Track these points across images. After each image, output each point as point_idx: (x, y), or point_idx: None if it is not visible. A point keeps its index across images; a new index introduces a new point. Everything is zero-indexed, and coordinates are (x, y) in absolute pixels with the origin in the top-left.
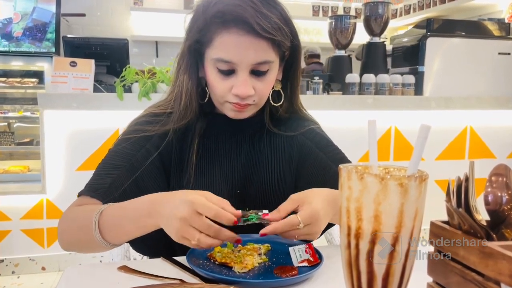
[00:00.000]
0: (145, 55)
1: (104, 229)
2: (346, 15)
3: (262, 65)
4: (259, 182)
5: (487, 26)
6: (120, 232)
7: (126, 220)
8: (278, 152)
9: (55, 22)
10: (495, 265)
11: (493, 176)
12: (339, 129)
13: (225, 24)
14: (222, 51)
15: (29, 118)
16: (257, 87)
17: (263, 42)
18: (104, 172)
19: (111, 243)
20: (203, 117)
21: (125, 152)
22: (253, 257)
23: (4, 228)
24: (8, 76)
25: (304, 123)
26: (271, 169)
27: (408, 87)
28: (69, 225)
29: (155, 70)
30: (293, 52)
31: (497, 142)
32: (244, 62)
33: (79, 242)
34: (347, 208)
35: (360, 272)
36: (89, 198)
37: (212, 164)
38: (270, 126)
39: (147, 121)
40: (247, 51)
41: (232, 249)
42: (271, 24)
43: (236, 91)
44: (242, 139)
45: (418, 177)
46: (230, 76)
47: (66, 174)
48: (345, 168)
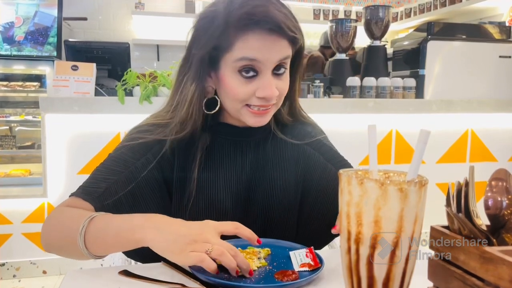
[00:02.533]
0: (146, 59)
1: (89, 237)
2: (347, 18)
3: (282, 62)
4: (263, 190)
5: (488, 29)
6: (103, 244)
7: (110, 232)
8: (284, 160)
9: (56, 26)
10: (495, 270)
11: (493, 181)
12: (340, 132)
13: (248, 26)
14: (247, 50)
15: (30, 121)
16: (279, 86)
17: (285, 40)
18: (101, 176)
19: (92, 253)
20: (207, 129)
21: (124, 159)
22: (253, 260)
23: (5, 232)
24: (10, 80)
25: (309, 130)
26: (276, 177)
27: (409, 90)
28: (55, 225)
29: (156, 74)
30: (297, 53)
31: (499, 146)
32: (269, 60)
33: (60, 244)
34: (347, 213)
35: (361, 277)
36: (81, 200)
37: (216, 174)
38: (276, 131)
39: (148, 130)
40: (271, 49)
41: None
42: (291, 23)
43: (263, 94)
44: (247, 147)
45: (418, 182)
46: (253, 79)
47: (67, 177)
48: (345, 173)
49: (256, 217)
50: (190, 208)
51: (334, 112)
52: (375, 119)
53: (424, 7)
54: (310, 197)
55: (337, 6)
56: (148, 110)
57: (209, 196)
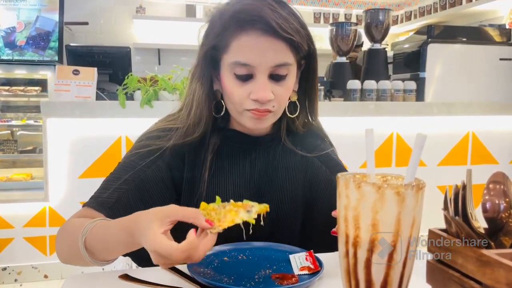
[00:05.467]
0: (147, 63)
1: (90, 245)
2: (347, 22)
3: (281, 68)
4: (271, 199)
5: (488, 32)
6: (104, 250)
7: (110, 237)
8: (292, 170)
9: (58, 30)
10: (492, 273)
11: (490, 184)
12: (340, 135)
13: (242, 26)
14: (240, 54)
15: (32, 126)
16: (276, 92)
17: (281, 43)
18: (112, 185)
19: (95, 259)
20: (217, 132)
21: (135, 167)
22: (238, 214)
23: (6, 236)
24: (12, 84)
25: (319, 142)
26: (284, 187)
27: (409, 93)
28: (64, 236)
29: (157, 78)
30: (310, 60)
31: (499, 148)
32: (263, 65)
33: (71, 253)
34: (345, 217)
35: (359, 280)
36: (93, 211)
37: (225, 181)
38: (286, 141)
39: (158, 135)
40: (265, 52)
41: (218, 204)
42: (289, 24)
43: (255, 96)
44: (256, 156)
45: (415, 186)
46: (248, 81)
47: (69, 181)
48: (343, 177)
49: (263, 225)
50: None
51: (334, 115)
52: (375, 122)
53: (424, 10)
54: (315, 209)
55: (337, 10)
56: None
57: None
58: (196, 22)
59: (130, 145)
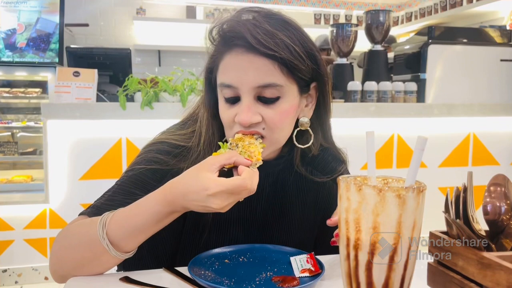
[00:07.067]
0: (147, 64)
1: (115, 234)
2: (348, 23)
3: (267, 88)
4: (279, 227)
5: (489, 33)
6: (130, 235)
7: (138, 218)
8: (303, 193)
9: (58, 32)
10: (493, 275)
11: (491, 186)
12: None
13: (227, 45)
14: (224, 75)
15: (32, 128)
16: (266, 114)
17: (265, 60)
18: (118, 197)
19: (123, 250)
20: None
21: (144, 181)
22: (255, 145)
23: (7, 238)
24: (12, 86)
25: (335, 164)
26: (293, 212)
27: (410, 95)
28: (70, 243)
29: (158, 79)
30: (318, 82)
31: (500, 149)
32: (245, 85)
33: (78, 261)
34: (346, 219)
35: (360, 282)
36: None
37: (230, 209)
38: (299, 167)
39: (168, 151)
40: (246, 71)
41: (228, 148)
42: (274, 40)
43: (238, 118)
44: (265, 183)
45: (415, 189)
46: (235, 104)
47: (69, 183)
48: (344, 180)
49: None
50: (203, 240)
51: (335, 117)
52: (376, 124)
53: (424, 11)
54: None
55: (338, 11)
56: (149, 116)
57: (221, 229)
58: (196, 23)
59: (130, 146)
